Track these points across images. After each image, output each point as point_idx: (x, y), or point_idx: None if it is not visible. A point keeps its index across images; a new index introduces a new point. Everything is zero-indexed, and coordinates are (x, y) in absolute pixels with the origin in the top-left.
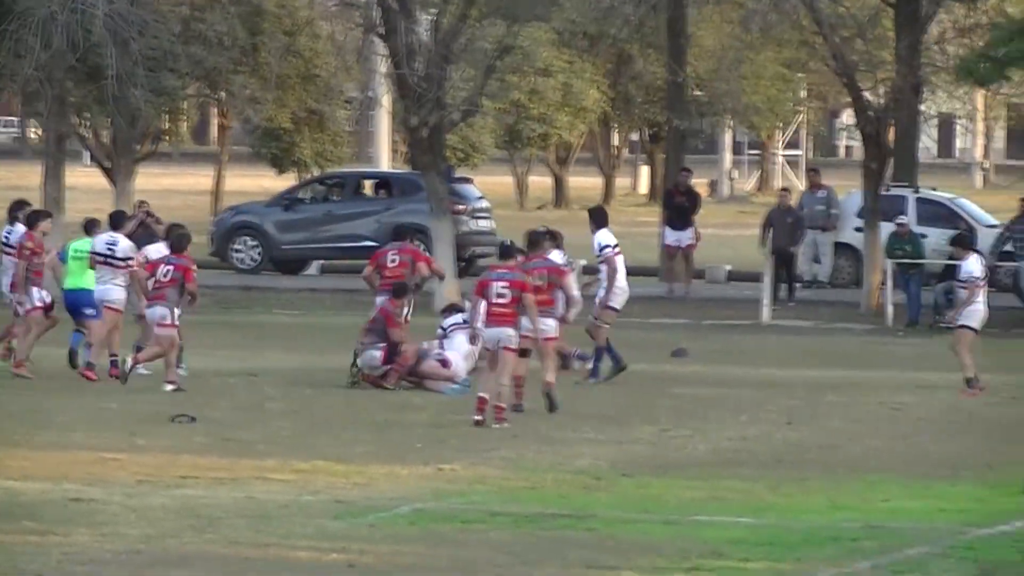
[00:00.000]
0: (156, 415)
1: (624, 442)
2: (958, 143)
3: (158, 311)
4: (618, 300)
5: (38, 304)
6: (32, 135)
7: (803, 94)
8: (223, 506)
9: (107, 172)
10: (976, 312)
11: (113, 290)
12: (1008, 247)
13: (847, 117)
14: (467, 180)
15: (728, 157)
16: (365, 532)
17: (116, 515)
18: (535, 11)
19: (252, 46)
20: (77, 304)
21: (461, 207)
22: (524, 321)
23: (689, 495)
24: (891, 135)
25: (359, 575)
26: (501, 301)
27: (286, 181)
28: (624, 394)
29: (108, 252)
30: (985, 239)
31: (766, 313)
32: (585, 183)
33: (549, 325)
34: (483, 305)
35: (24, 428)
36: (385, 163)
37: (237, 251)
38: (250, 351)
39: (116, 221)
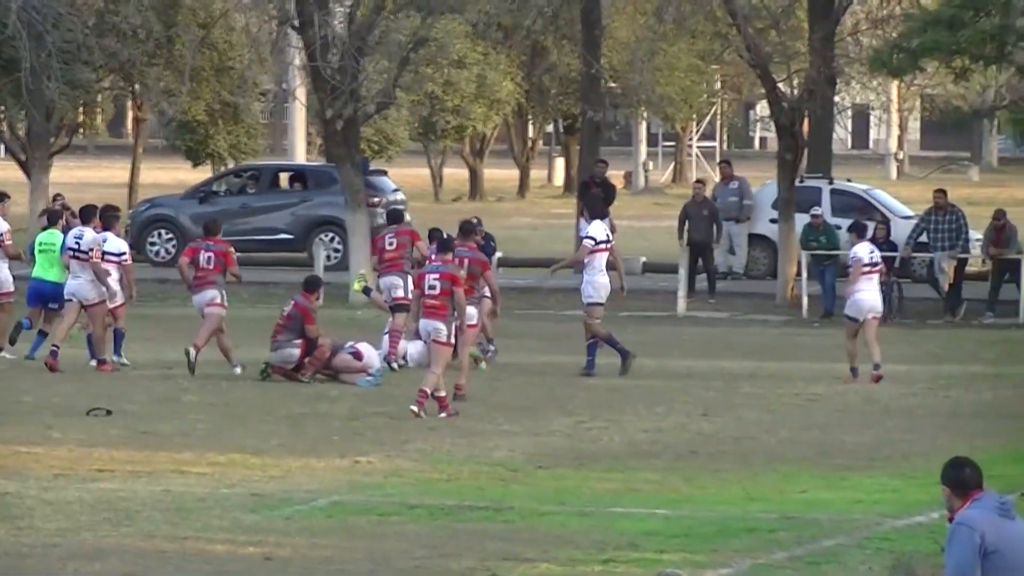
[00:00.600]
0: (71, 408)
1: (540, 434)
2: (873, 134)
3: (208, 293)
4: (600, 294)
5: None
6: None
7: (718, 85)
8: (140, 499)
9: (22, 165)
10: (856, 302)
11: (84, 286)
12: (923, 238)
13: (762, 109)
14: (382, 172)
15: (643, 149)
16: (281, 525)
17: (32, 509)
18: (449, 3)
19: (167, 38)
20: (42, 296)
21: (376, 199)
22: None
23: (605, 487)
24: (806, 126)
25: (276, 568)
26: (432, 293)
27: (201, 174)
28: (540, 386)
29: (76, 246)
30: (901, 230)
31: (681, 305)
32: (501, 175)
33: (470, 313)
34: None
35: None
36: (300, 155)
37: (152, 244)
38: (165, 344)
39: (85, 216)
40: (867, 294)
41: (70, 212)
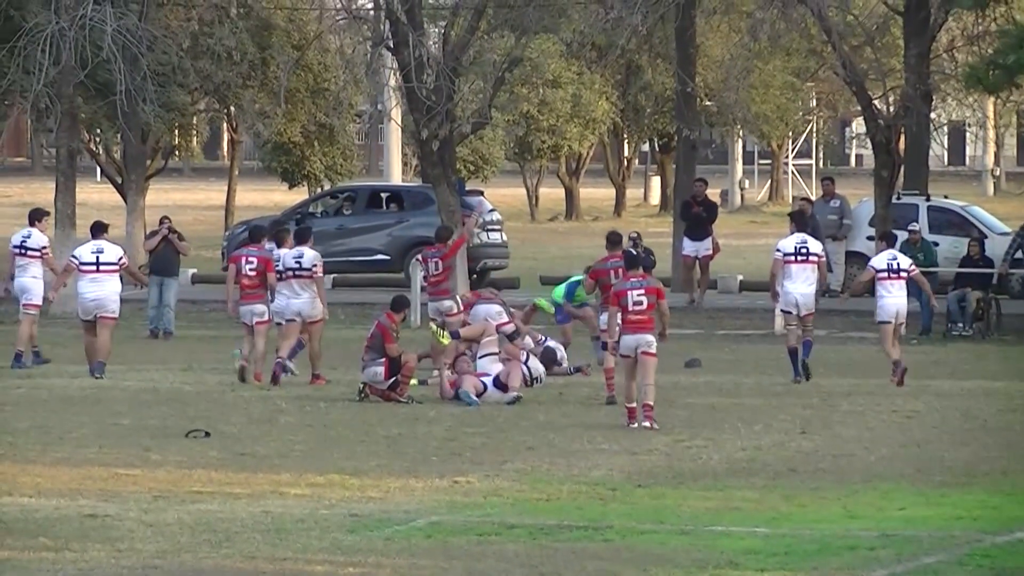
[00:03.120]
0: (169, 430)
1: (638, 453)
2: (969, 150)
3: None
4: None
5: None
6: (43, 152)
7: (813, 103)
8: (239, 520)
9: (118, 188)
10: (883, 308)
11: (307, 304)
12: (1020, 254)
13: (858, 126)
14: (478, 192)
15: (739, 167)
16: (381, 546)
17: (131, 531)
18: (543, 22)
19: (261, 60)
20: None
21: (476, 214)
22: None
23: (704, 505)
24: (902, 143)
25: None
26: (639, 309)
27: (297, 195)
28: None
29: (296, 266)
30: (998, 247)
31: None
32: (597, 194)
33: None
34: (619, 314)
35: (37, 445)
36: (396, 176)
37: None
38: (264, 366)
39: (33, 217)
40: (892, 299)
41: (177, 235)
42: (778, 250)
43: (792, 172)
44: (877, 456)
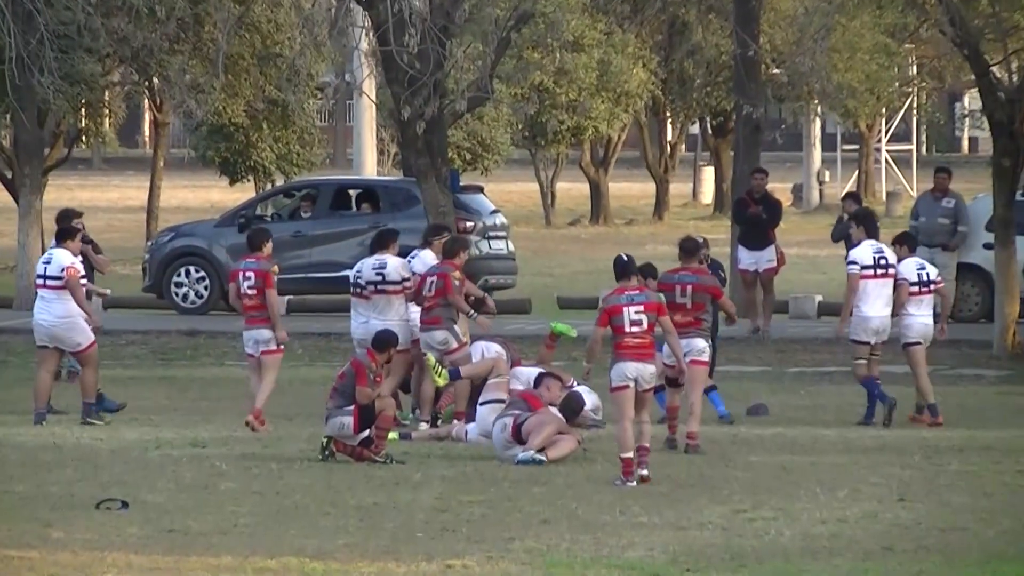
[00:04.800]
0: (76, 499)
1: (687, 527)
2: None
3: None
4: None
5: None
6: None
7: (913, 71)
8: None
9: (7, 184)
10: (910, 327)
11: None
12: None
13: (971, 100)
14: (477, 189)
15: (817, 154)
16: None
17: None
18: None
19: (193, 18)
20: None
21: (469, 224)
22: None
23: None
24: None
25: None
26: (636, 330)
27: (241, 193)
28: (686, 463)
29: (379, 278)
30: None
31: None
32: (631, 190)
33: (699, 347)
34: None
35: None
36: (370, 168)
37: (179, 285)
38: (197, 415)
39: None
40: (921, 318)
41: (91, 245)
42: (854, 262)
43: (886, 160)
44: (997, 530)
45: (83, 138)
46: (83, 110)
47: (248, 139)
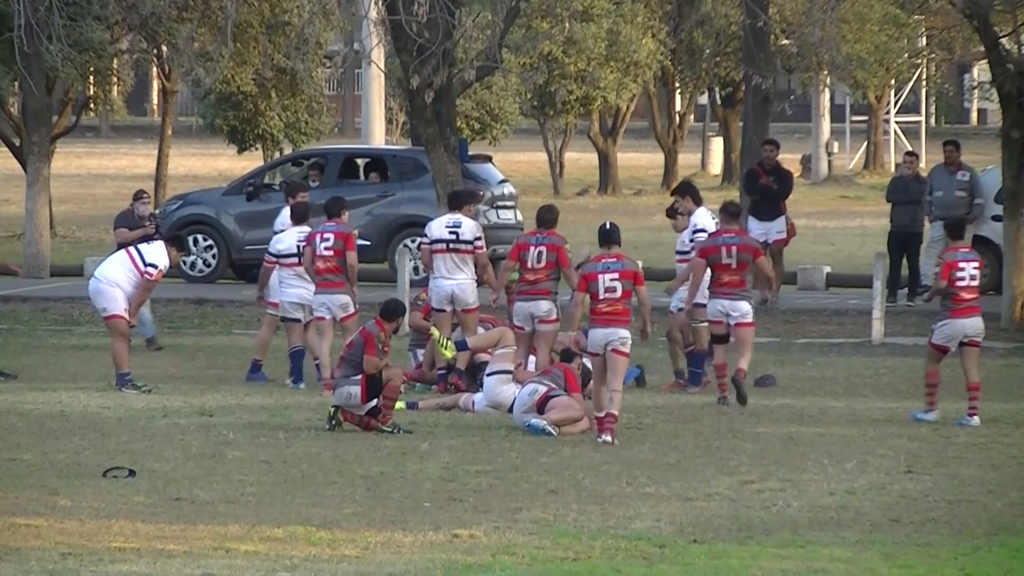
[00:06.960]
0: (83, 468)
1: (694, 498)
2: None
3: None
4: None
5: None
6: None
7: (922, 42)
8: None
9: (16, 152)
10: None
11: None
12: None
13: (980, 72)
14: (486, 158)
15: (825, 126)
16: None
17: None
18: None
19: None
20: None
21: (479, 194)
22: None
23: (779, 567)
24: None
25: None
26: (609, 297)
27: (249, 161)
28: (693, 434)
29: (454, 237)
30: None
31: (877, 328)
32: (639, 160)
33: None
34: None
35: None
36: (378, 137)
37: (187, 253)
38: (205, 384)
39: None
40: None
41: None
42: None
43: (895, 132)
44: (1005, 502)
45: (91, 106)
46: (91, 78)
47: (256, 107)
